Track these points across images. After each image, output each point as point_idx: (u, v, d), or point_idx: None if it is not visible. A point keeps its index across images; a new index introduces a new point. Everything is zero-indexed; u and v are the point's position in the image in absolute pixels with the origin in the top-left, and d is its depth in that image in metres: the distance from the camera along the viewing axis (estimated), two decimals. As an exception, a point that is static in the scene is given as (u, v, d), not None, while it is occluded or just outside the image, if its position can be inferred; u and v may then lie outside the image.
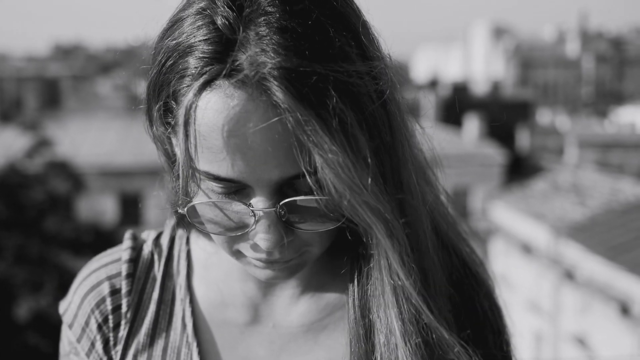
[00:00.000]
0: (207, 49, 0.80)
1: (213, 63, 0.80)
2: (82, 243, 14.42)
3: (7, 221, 13.93)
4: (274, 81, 0.77)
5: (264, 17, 0.80)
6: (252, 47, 0.78)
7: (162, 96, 0.85)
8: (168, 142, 0.92)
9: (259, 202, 0.84)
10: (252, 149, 0.80)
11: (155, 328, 1.02)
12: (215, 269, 1.05)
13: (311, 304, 1.02)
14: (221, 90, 0.79)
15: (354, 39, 0.83)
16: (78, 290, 1.06)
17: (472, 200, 25.42)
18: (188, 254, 1.07)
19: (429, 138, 0.98)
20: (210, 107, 0.80)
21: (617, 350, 11.56)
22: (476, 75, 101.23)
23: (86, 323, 1.03)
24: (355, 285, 0.94)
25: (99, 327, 1.02)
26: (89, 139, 24.69)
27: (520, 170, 27.39)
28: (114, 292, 1.03)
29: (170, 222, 1.11)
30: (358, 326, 0.93)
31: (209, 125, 0.80)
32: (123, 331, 1.02)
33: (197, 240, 1.07)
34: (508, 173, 26.28)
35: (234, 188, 0.85)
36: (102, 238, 14.51)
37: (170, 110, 0.85)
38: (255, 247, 0.88)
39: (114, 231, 15.62)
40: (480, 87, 56.73)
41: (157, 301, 1.03)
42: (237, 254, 0.92)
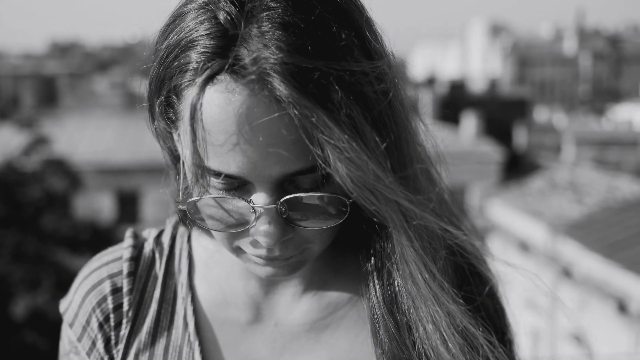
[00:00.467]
0: (209, 44, 0.80)
1: (215, 58, 0.79)
2: (80, 241, 14.39)
3: (4, 219, 13.89)
4: (277, 76, 0.76)
5: (267, 13, 0.79)
6: (255, 43, 0.78)
7: (164, 91, 0.85)
8: (169, 138, 0.92)
9: (260, 199, 0.84)
10: (254, 145, 0.79)
11: (156, 327, 1.01)
12: (216, 268, 1.04)
13: (313, 303, 1.01)
14: (223, 85, 0.79)
15: (358, 36, 0.83)
16: (79, 289, 1.05)
17: (470, 197, 25.42)
18: (189, 253, 1.06)
19: (432, 135, 0.98)
20: (211, 102, 0.79)
21: (615, 347, 11.58)
22: (473, 73, 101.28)
23: (87, 322, 1.02)
24: (375, 282, 0.93)
25: (100, 326, 1.02)
26: (86, 137, 24.62)
27: (517, 168, 27.39)
28: (116, 291, 1.02)
29: (171, 220, 1.10)
30: (387, 323, 0.92)
31: (211, 120, 0.79)
32: (124, 330, 1.01)
33: (199, 238, 1.07)
34: (505, 171, 26.25)
35: (235, 184, 0.84)
36: (100, 236, 14.48)
37: (171, 105, 0.85)
38: (255, 244, 0.88)
39: (111, 229, 15.58)
40: (477, 85, 56.73)
41: (159, 300, 1.03)
42: (238, 251, 0.91)
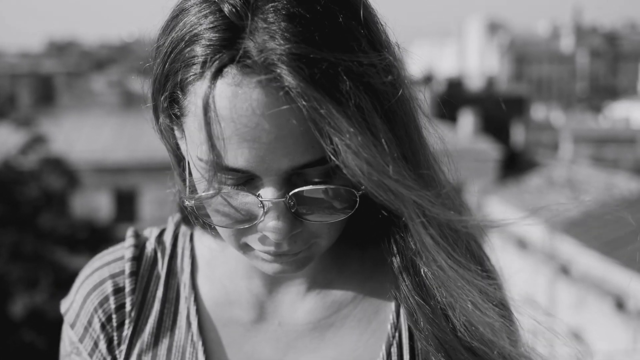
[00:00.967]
0: (215, 37, 0.78)
1: (221, 50, 0.78)
2: (77, 239, 14.38)
3: (2, 218, 13.87)
4: (284, 67, 0.75)
5: (272, 4, 0.78)
6: (261, 34, 0.77)
7: (168, 87, 0.83)
8: (173, 135, 0.91)
9: (268, 193, 0.82)
10: (262, 137, 0.78)
11: (159, 327, 1.00)
12: (219, 267, 1.03)
13: (317, 302, 1.01)
14: (229, 77, 0.77)
15: (364, 27, 0.82)
16: (80, 289, 1.04)
17: (467, 195, 25.40)
18: (192, 252, 1.05)
19: (437, 130, 0.97)
20: (218, 95, 0.78)
21: (613, 344, 11.59)
22: (471, 70, 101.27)
23: (89, 322, 1.01)
24: (402, 273, 0.92)
25: (103, 327, 1.01)
26: (84, 135, 24.57)
27: (515, 165, 27.35)
28: (118, 291, 1.02)
29: (173, 219, 1.09)
30: (424, 310, 0.91)
31: (218, 113, 0.78)
32: (127, 330, 1.00)
33: (201, 237, 1.06)
34: (503, 168, 26.24)
35: (243, 179, 0.83)
36: (97, 234, 14.48)
37: (176, 100, 0.83)
38: (263, 240, 0.86)
39: (109, 227, 15.58)
40: (474, 83, 56.68)
41: (161, 299, 1.02)
42: (245, 248, 0.90)
